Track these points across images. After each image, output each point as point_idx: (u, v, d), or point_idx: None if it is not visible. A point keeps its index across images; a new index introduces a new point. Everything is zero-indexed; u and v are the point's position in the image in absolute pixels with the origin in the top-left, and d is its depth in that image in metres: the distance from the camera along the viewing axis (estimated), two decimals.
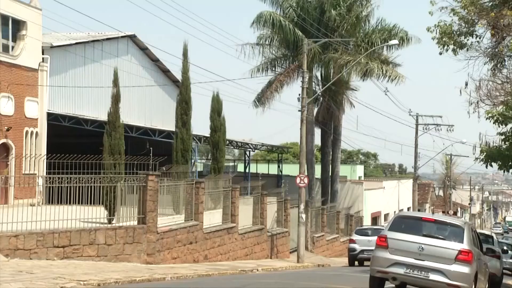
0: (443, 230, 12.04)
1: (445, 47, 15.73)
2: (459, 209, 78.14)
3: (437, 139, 59.29)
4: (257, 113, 38.74)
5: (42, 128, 27.27)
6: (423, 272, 11.65)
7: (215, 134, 25.54)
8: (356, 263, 27.99)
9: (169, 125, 30.39)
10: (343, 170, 48.54)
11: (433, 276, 11.61)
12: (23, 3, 26.76)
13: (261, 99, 37.36)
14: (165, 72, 37.35)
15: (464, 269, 11.60)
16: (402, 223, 12.28)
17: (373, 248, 13.02)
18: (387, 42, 34.98)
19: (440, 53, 15.81)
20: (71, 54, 29.67)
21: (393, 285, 13.11)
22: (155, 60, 36.44)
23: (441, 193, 78.81)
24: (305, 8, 36.63)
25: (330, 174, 39.04)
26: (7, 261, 13.54)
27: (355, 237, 28.68)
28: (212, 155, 26.06)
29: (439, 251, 11.66)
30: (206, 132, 27.47)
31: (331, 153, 39.21)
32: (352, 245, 28.09)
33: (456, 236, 11.92)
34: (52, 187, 15.95)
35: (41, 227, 14.95)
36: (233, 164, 52.22)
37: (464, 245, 11.72)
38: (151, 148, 28.28)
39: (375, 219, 46.53)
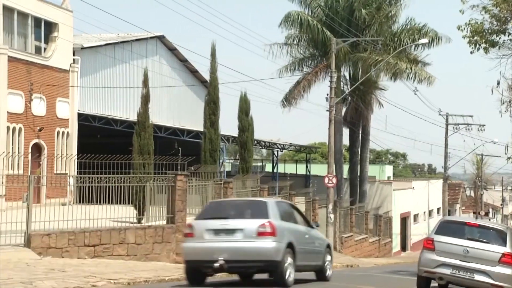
0: (487, 234, 13.02)
1: (476, 46, 15.53)
2: (490, 210, 76.88)
3: (468, 139, 58.35)
4: (283, 112, 38.70)
5: (73, 128, 27.65)
6: (468, 273, 12.59)
7: (243, 134, 25.59)
8: None
9: (198, 125, 30.55)
10: (372, 170, 48.13)
11: (478, 277, 12.54)
12: (54, 5, 27.19)
13: (289, 98, 37.29)
14: (194, 72, 37.55)
15: (507, 270, 12.44)
16: (448, 227, 13.35)
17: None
18: (417, 41, 34.61)
19: (471, 52, 15.62)
20: (101, 55, 30.03)
21: (436, 284, 13.64)
22: (183, 61, 36.67)
23: (472, 193, 77.69)
24: (333, 8, 36.45)
25: (358, 174, 38.75)
26: (40, 259, 13.76)
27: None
28: (240, 155, 26.13)
29: (484, 253, 12.61)
30: (234, 132, 27.55)
31: (359, 153, 38.92)
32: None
33: (500, 240, 12.85)
34: (83, 186, 16.16)
35: (72, 226, 15.16)
36: (261, 164, 52.23)
37: (507, 249, 12.63)
38: (179, 148, 28.48)
39: (404, 220, 46.07)
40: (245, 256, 11.42)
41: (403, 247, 45.22)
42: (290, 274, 11.75)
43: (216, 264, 11.31)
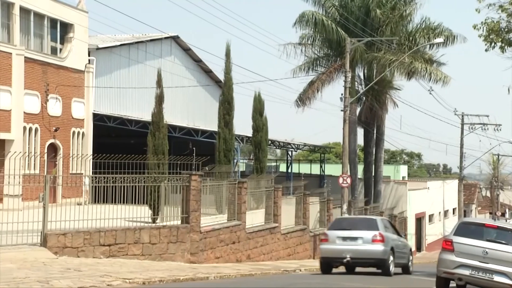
0: (506, 236, 13.22)
1: (492, 45, 15.40)
2: (507, 210, 76.22)
3: (484, 139, 57.96)
4: (297, 112, 38.65)
5: (88, 128, 27.83)
6: (487, 274, 12.82)
7: (257, 134, 25.58)
8: None
9: (212, 125, 30.60)
10: (387, 170, 47.92)
11: (497, 278, 12.76)
12: (70, 6, 27.39)
13: (303, 98, 37.25)
14: (208, 72, 37.62)
15: None
16: (466, 228, 13.59)
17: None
18: (432, 41, 34.39)
19: (486, 50, 15.50)
20: (116, 56, 30.19)
21: (454, 285, 13.92)
22: (197, 61, 36.75)
23: (488, 194, 77.03)
24: (348, 7, 36.35)
25: (373, 174, 38.62)
26: (56, 259, 13.86)
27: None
28: (255, 155, 26.12)
29: (503, 255, 12.88)
30: (248, 132, 27.55)
31: (374, 153, 38.78)
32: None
33: None
34: (98, 186, 16.25)
35: (88, 226, 15.25)
36: (275, 164, 52.20)
37: None
38: (194, 148, 28.55)
39: (419, 220, 45.82)
40: (364, 255, 17.32)
41: (418, 248, 44.99)
42: (392, 268, 17.62)
43: (344, 260, 17.34)
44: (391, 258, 17.61)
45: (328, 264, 17.84)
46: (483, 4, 15.15)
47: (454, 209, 51.85)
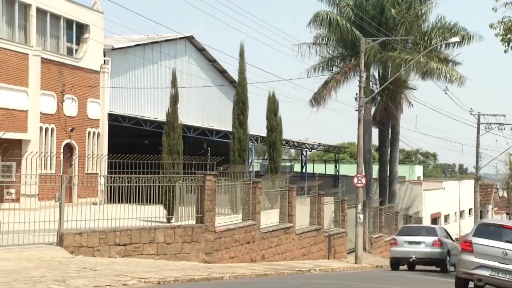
0: None
1: (510, 44, 15.25)
2: None
3: (500, 139, 57.47)
4: (312, 112, 38.58)
5: (104, 128, 27.99)
6: (507, 275, 12.89)
7: (272, 134, 25.58)
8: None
9: (226, 125, 30.65)
10: (402, 170, 47.71)
11: None
12: (86, 7, 27.57)
13: (318, 98, 37.18)
14: (222, 72, 37.68)
15: None
16: (485, 229, 13.72)
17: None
18: (447, 40, 34.16)
19: (505, 51, 15.35)
20: (131, 56, 30.34)
21: (472, 285, 14.03)
22: (212, 61, 36.82)
23: (504, 194, 76.30)
24: (362, 7, 36.23)
25: (388, 174, 38.45)
26: (72, 258, 13.96)
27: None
28: (269, 155, 26.10)
29: None
30: (263, 132, 27.55)
31: (389, 153, 38.61)
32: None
33: None
34: (113, 186, 16.33)
35: (103, 226, 15.34)
36: (289, 164, 52.17)
37: None
38: (208, 148, 28.63)
39: (435, 220, 45.53)
40: (426, 256, 21.94)
41: None
42: (448, 267, 21.67)
43: (411, 260, 22.25)
44: (448, 258, 21.89)
45: (397, 263, 22.90)
46: (500, 3, 15.04)
47: (470, 210, 51.47)
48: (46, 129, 24.80)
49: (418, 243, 22.12)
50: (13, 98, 23.09)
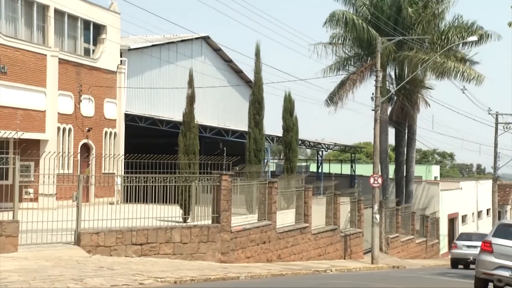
0: None
1: None
2: None
3: None
4: (329, 112, 38.48)
5: (120, 128, 28.16)
6: None
7: (288, 134, 25.55)
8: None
9: (242, 125, 30.66)
10: (418, 170, 47.39)
11: None
12: (103, 8, 27.75)
13: (334, 98, 37.07)
14: (238, 72, 37.72)
15: None
16: (505, 230, 13.74)
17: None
18: (465, 39, 33.88)
19: None
20: (147, 56, 30.48)
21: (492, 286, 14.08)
22: (228, 61, 36.87)
23: None
24: (378, 6, 36.07)
25: (404, 174, 38.23)
26: (90, 257, 14.07)
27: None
28: (285, 155, 26.09)
29: None
30: (279, 132, 27.53)
31: (405, 152, 38.39)
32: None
33: None
34: (130, 186, 16.42)
35: (120, 225, 15.43)
36: (305, 164, 52.09)
37: None
38: (224, 148, 28.63)
39: (452, 221, 45.19)
40: None
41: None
42: None
43: (468, 260, 26.82)
44: None
45: (457, 262, 28.10)
46: None
47: (488, 210, 50.98)
48: (64, 129, 25.00)
49: (475, 246, 25.30)
50: (31, 99, 23.31)
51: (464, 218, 47.61)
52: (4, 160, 15.63)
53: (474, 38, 33.35)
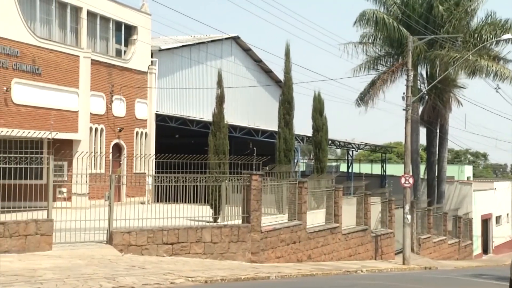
0: None
1: None
2: None
3: None
4: (359, 112, 38.28)
5: (151, 128, 28.41)
6: None
7: (318, 133, 25.48)
8: None
9: (272, 125, 30.68)
10: (450, 170, 46.75)
11: None
12: (134, 9, 28.04)
13: (364, 98, 36.81)
14: (268, 72, 37.71)
15: None
16: None
17: None
18: (498, 37, 33.28)
19: None
20: (177, 57, 30.70)
21: None
22: (258, 61, 36.90)
23: None
24: (409, 5, 35.69)
25: (436, 174, 37.77)
26: (122, 256, 14.23)
27: None
28: (315, 154, 26.01)
29: None
30: (309, 132, 27.46)
31: (437, 152, 37.92)
32: None
33: None
34: (160, 186, 16.56)
35: (151, 225, 15.58)
36: (336, 164, 51.84)
37: None
38: (254, 148, 28.68)
39: (485, 221, 44.47)
40: None
41: (485, 250, 43.65)
42: None
43: None
44: None
45: None
46: None
47: None
48: (96, 129, 25.33)
49: None
50: (64, 99, 23.67)
51: (498, 219, 46.80)
52: (39, 160, 15.90)
53: (508, 36, 32.76)
